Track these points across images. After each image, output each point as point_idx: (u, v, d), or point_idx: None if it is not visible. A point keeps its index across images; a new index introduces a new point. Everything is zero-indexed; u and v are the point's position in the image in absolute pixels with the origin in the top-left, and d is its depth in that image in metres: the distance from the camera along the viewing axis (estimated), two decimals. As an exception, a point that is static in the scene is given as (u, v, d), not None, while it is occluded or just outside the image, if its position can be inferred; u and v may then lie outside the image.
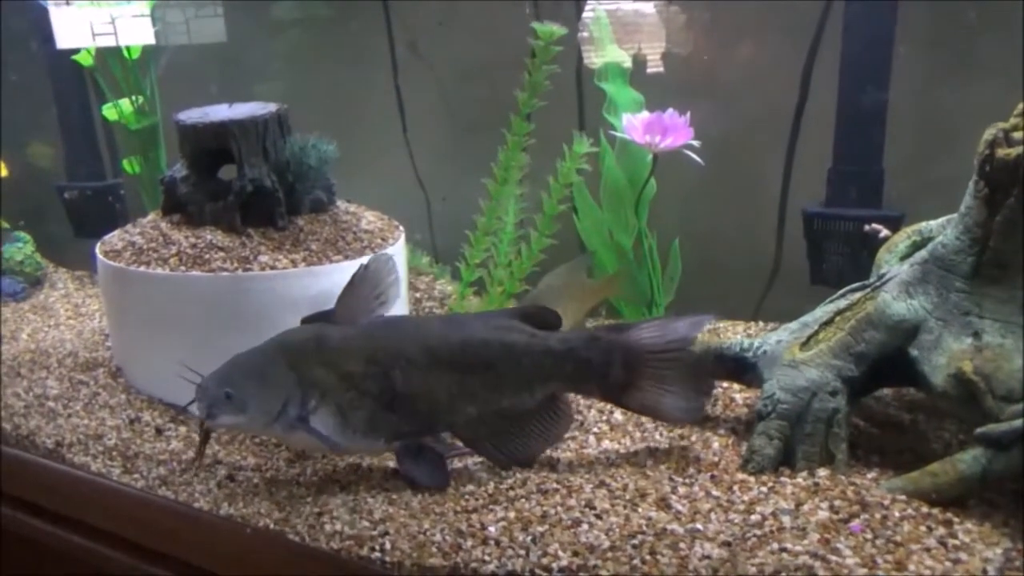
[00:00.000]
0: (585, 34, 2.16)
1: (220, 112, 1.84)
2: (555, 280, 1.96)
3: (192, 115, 1.84)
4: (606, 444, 1.57)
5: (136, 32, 2.43)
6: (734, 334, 2.07)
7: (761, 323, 2.11)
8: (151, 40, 2.44)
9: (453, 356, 1.48)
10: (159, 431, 1.75)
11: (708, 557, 1.18)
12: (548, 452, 1.55)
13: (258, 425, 1.47)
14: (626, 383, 1.48)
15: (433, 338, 1.49)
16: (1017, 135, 1.32)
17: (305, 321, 1.70)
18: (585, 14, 2.22)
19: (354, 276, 1.49)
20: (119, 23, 2.37)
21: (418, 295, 2.27)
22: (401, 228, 2.01)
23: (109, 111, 2.47)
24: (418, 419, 1.49)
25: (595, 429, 1.63)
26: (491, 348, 1.47)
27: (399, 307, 1.92)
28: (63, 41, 2.42)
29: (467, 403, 1.48)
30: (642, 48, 2.27)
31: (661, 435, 1.59)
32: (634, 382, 1.48)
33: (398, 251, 1.93)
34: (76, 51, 2.43)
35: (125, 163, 2.58)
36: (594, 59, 2.13)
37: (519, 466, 1.50)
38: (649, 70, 2.28)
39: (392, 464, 1.55)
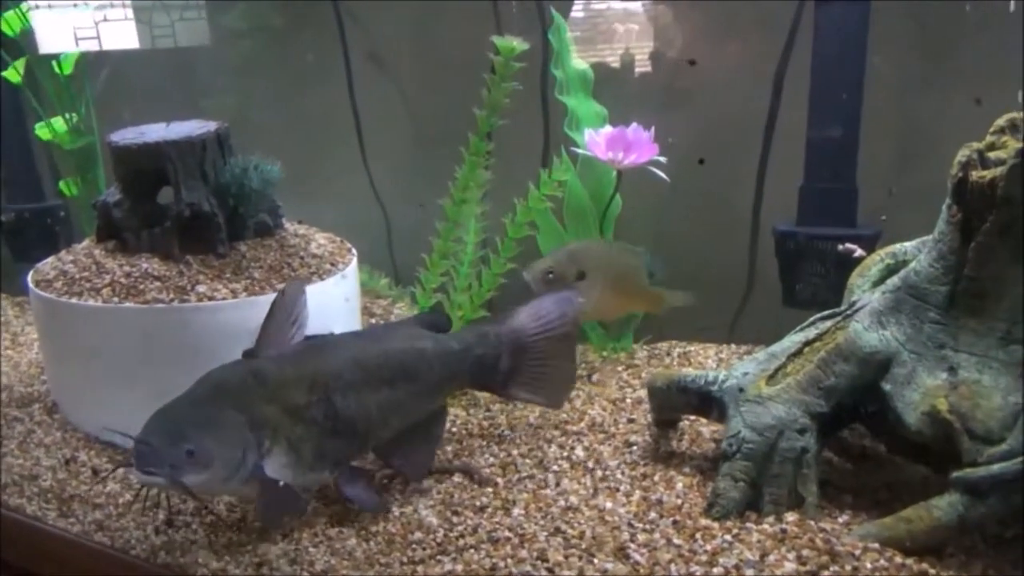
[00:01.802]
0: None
1: (156, 132, 1.74)
2: (606, 251, 1.83)
3: (126, 135, 1.74)
4: (565, 484, 1.48)
5: (118, 36, 2.36)
6: (705, 358, 1.98)
7: (734, 346, 2.03)
8: (135, 44, 2.35)
9: (379, 369, 1.46)
10: (95, 472, 1.66)
11: (663, 620, 1.09)
12: (504, 495, 1.47)
13: (218, 481, 1.32)
14: (513, 370, 1.55)
15: (359, 354, 1.47)
16: (993, 155, 1.24)
17: (247, 354, 1.62)
18: (573, 13, 2.13)
19: (273, 305, 1.44)
20: (102, 27, 2.28)
21: (374, 320, 2.18)
22: (354, 251, 1.91)
23: (42, 130, 2.35)
24: (357, 441, 1.46)
25: (554, 467, 1.54)
26: (409, 356, 1.49)
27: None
28: (46, 45, 2.33)
29: (394, 415, 1.48)
30: (610, 54, 2.19)
31: (623, 474, 1.50)
32: (518, 367, 1.55)
33: (351, 274, 1.83)
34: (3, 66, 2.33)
35: (62, 184, 2.47)
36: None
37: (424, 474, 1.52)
38: (618, 77, 2.21)
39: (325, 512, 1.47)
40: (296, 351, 1.44)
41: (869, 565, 1.17)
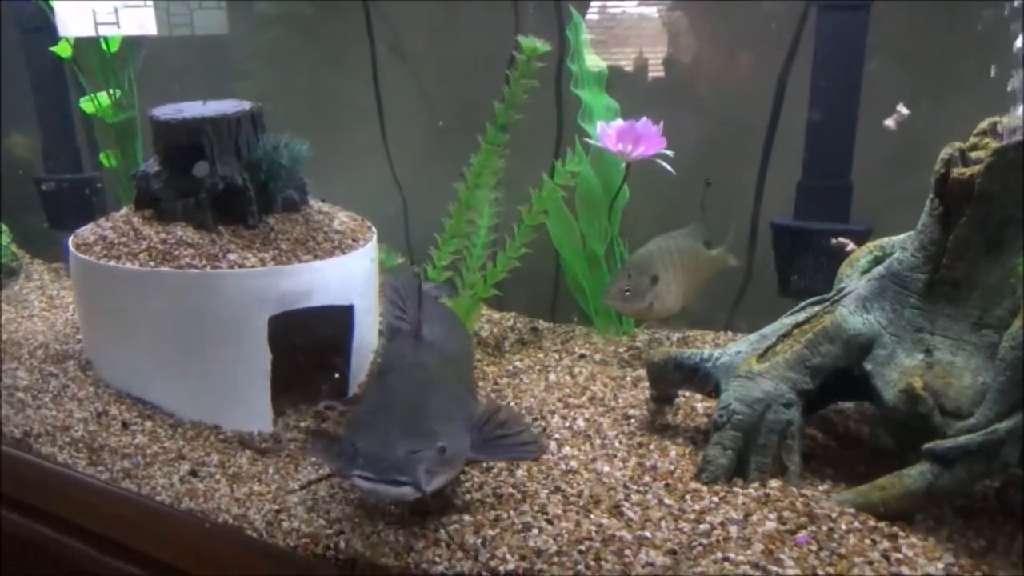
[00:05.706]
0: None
1: (194, 109, 1.85)
2: (665, 244, 1.90)
3: (166, 111, 1.85)
4: (566, 450, 1.58)
5: (138, 21, 2.43)
6: (703, 343, 2.08)
7: (731, 332, 2.12)
8: (153, 30, 2.44)
9: None
10: (125, 425, 1.76)
11: (651, 564, 1.19)
12: (508, 458, 1.57)
13: (454, 475, 1.33)
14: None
15: None
16: (974, 154, 1.33)
17: (273, 319, 1.72)
18: (588, 15, 2.23)
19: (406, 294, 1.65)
20: (122, 12, 2.37)
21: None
22: (373, 229, 2.01)
23: (87, 104, 2.47)
24: None
25: (557, 435, 1.64)
26: None
27: (371, 306, 1.94)
28: (66, 29, 2.41)
29: None
30: (623, 57, 2.28)
31: (620, 443, 1.60)
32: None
33: (370, 251, 1.94)
34: (55, 42, 2.44)
35: (102, 156, 2.58)
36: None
37: None
38: (628, 77, 2.30)
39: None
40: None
41: (844, 527, 1.26)
